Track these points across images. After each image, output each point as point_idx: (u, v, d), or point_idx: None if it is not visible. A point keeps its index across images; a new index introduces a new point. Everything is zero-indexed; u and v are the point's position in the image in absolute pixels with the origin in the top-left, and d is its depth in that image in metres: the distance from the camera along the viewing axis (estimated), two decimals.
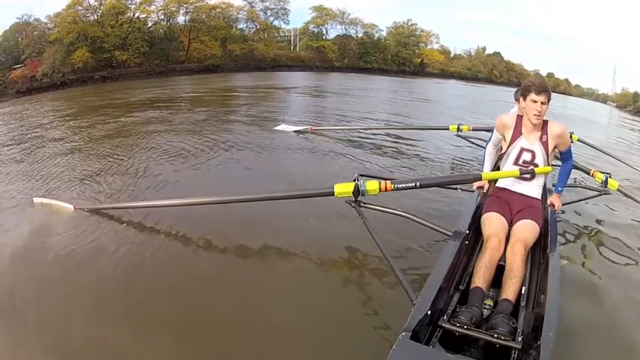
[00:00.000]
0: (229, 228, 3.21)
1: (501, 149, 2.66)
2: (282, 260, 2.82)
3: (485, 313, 1.92)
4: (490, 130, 3.04)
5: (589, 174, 3.77)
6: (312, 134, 6.90)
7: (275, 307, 2.37)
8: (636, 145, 11.18)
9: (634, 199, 3.53)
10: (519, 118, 2.53)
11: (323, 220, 3.37)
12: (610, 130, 14.86)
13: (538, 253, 2.36)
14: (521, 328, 1.79)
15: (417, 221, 2.65)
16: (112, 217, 3.35)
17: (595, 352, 2.20)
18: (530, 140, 2.50)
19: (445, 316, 1.82)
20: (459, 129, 5.38)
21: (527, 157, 2.51)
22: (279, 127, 7.29)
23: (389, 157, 5.82)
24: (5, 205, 3.72)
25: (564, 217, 3.64)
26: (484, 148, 3.05)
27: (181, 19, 23.90)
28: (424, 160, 5.82)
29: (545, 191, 2.67)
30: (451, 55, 31.70)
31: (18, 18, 19.65)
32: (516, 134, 2.52)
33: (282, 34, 27.97)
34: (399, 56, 29.28)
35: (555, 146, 2.51)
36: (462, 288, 2.07)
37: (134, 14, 22.40)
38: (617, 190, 3.53)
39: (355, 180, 2.63)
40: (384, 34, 29.44)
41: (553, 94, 2.53)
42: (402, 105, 13.48)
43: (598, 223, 3.88)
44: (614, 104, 27.76)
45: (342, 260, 2.88)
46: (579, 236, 3.58)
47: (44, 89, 18.13)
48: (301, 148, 6.17)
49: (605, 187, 3.55)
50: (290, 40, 28.20)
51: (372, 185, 2.58)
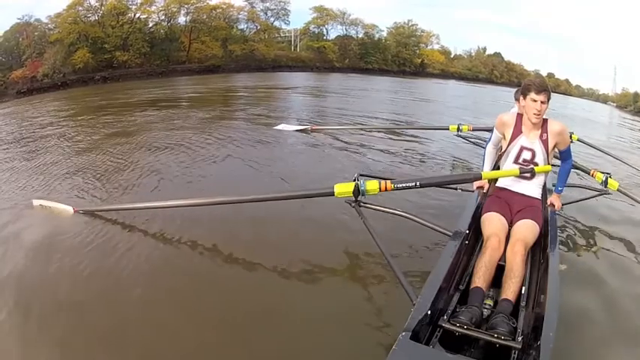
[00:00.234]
0: (229, 228, 3.22)
1: (501, 149, 2.66)
2: (282, 260, 2.81)
3: (485, 313, 1.91)
4: (490, 131, 3.03)
5: (589, 174, 3.77)
6: (312, 134, 6.90)
7: (275, 307, 2.37)
8: (636, 145, 11.17)
9: (634, 199, 3.52)
10: (519, 116, 2.53)
11: (323, 220, 3.36)
12: (611, 130, 14.87)
13: (538, 253, 2.36)
14: (521, 328, 1.79)
15: (417, 221, 2.64)
16: (111, 219, 3.34)
17: (595, 351, 2.20)
18: (530, 138, 2.50)
19: (445, 316, 1.82)
20: (459, 129, 5.37)
21: (527, 155, 2.51)
22: (279, 127, 7.28)
23: (389, 157, 5.82)
24: (4, 208, 3.71)
25: (564, 217, 3.64)
26: (484, 148, 3.05)
27: (182, 19, 24.07)
28: (424, 160, 5.82)
29: (545, 191, 2.67)
30: (451, 56, 31.75)
31: (19, 18, 19.80)
32: (516, 132, 2.52)
33: (282, 34, 28.05)
34: (399, 57, 29.34)
35: (555, 145, 2.51)
36: (462, 288, 2.07)
37: (135, 15, 22.50)
38: (617, 190, 3.52)
39: (355, 180, 2.62)
40: (384, 34, 29.58)
41: (553, 94, 2.53)
42: (402, 105, 13.49)
43: (598, 223, 3.88)
44: (614, 104, 27.74)
45: (342, 260, 2.88)
46: (579, 236, 3.57)
47: (45, 90, 18.21)
48: (301, 147, 6.18)
49: (605, 187, 3.54)
50: (290, 41, 28.25)
51: (372, 185, 2.58)
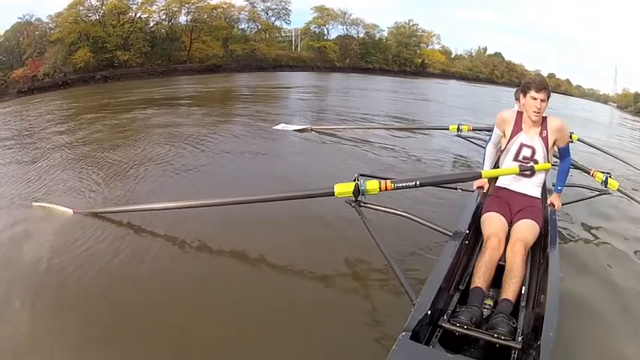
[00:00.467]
0: (230, 229, 3.21)
1: (501, 148, 2.65)
2: (282, 260, 2.82)
3: (485, 313, 1.92)
4: (490, 131, 3.03)
5: (589, 174, 3.77)
6: (312, 133, 6.89)
7: (275, 307, 2.37)
8: (637, 145, 11.16)
9: (634, 199, 3.52)
10: (519, 114, 2.53)
11: (323, 221, 3.36)
12: (611, 130, 14.85)
13: (538, 252, 2.36)
14: (521, 328, 1.79)
15: (417, 221, 2.64)
16: (111, 220, 3.33)
17: (597, 350, 2.20)
18: (530, 135, 2.50)
19: (445, 316, 1.82)
20: (459, 129, 5.37)
21: (527, 152, 2.50)
22: (278, 127, 7.26)
23: (389, 157, 5.81)
24: (4, 209, 3.71)
25: (564, 216, 3.64)
26: (484, 148, 3.05)
27: (183, 19, 23.99)
28: (424, 160, 5.81)
29: (545, 191, 2.67)
30: (452, 56, 31.69)
31: (19, 18, 19.76)
32: (516, 129, 2.52)
33: (283, 34, 27.99)
34: (400, 56, 29.27)
35: (555, 142, 2.51)
36: (462, 288, 2.07)
37: (136, 14, 22.46)
38: (617, 190, 3.52)
39: (355, 180, 2.62)
40: (385, 34, 29.48)
41: (554, 94, 2.52)
42: (403, 105, 13.47)
43: (598, 222, 3.88)
44: (615, 105, 27.68)
45: (342, 260, 2.87)
46: (579, 236, 3.57)
47: (46, 89, 18.19)
48: (301, 147, 6.17)
49: (605, 186, 3.55)
50: (291, 41, 28.21)
51: (372, 185, 2.57)
